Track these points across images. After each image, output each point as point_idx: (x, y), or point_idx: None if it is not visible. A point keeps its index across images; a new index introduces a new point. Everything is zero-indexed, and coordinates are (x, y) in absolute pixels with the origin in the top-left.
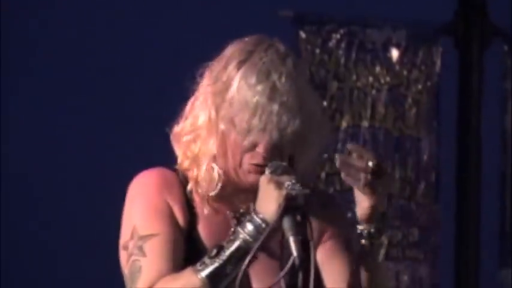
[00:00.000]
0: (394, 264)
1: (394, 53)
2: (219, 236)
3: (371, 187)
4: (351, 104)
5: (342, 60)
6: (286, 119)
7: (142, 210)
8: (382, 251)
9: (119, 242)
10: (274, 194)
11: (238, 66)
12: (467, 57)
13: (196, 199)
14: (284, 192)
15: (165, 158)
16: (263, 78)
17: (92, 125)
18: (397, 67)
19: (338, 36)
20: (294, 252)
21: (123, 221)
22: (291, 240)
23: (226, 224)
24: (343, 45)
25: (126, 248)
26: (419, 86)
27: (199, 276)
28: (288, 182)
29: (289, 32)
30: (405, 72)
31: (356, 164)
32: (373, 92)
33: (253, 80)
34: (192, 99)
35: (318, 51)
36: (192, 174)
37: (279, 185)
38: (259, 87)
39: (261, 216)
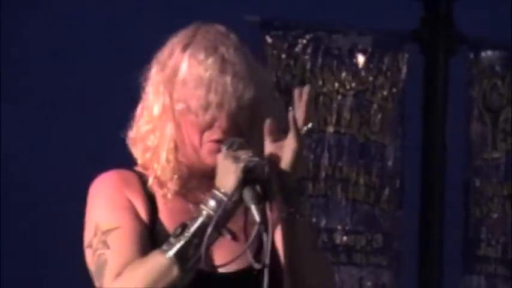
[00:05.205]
0: (357, 270)
1: (360, 59)
2: None
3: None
4: (316, 109)
5: (308, 66)
6: (242, 87)
7: (103, 208)
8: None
9: (83, 244)
10: (231, 168)
11: (184, 49)
12: (432, 64)
13: (158, 195)
14: (241, 164)
15: None
16: (211, 52)
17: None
18: (363, 73)
19: (304, 41)
20: (257, 218)
21: (85, 223)
22: (253, 209)
23: (189, 217)
24: (309, 50)
25: (90, 246)
26: (385, 92)
27: (167, 256)
28: (244, 155)
29: (255, 37)
30: (371, 78)
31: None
32: (339, 97)
33: (202, 55)
34: (142, 99)
35: (283, 56)
36: (152, 169)
37: (236, 159)
38: (209, 61)
39: (222, 190)
